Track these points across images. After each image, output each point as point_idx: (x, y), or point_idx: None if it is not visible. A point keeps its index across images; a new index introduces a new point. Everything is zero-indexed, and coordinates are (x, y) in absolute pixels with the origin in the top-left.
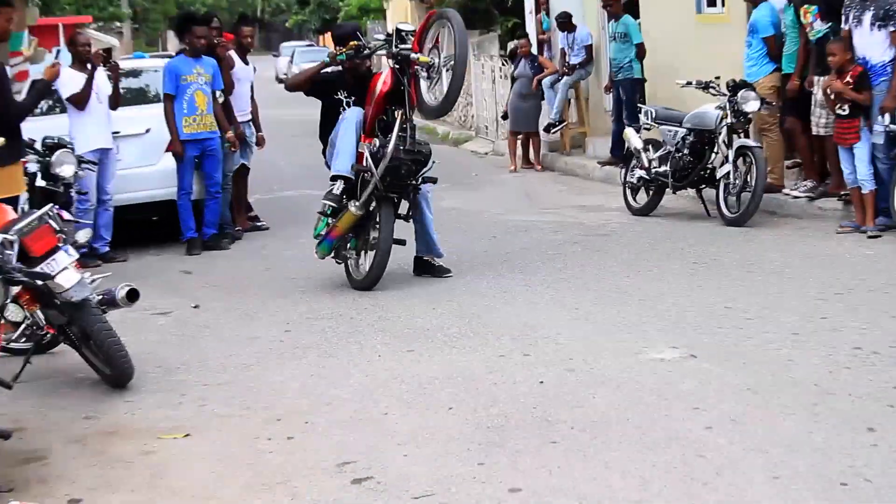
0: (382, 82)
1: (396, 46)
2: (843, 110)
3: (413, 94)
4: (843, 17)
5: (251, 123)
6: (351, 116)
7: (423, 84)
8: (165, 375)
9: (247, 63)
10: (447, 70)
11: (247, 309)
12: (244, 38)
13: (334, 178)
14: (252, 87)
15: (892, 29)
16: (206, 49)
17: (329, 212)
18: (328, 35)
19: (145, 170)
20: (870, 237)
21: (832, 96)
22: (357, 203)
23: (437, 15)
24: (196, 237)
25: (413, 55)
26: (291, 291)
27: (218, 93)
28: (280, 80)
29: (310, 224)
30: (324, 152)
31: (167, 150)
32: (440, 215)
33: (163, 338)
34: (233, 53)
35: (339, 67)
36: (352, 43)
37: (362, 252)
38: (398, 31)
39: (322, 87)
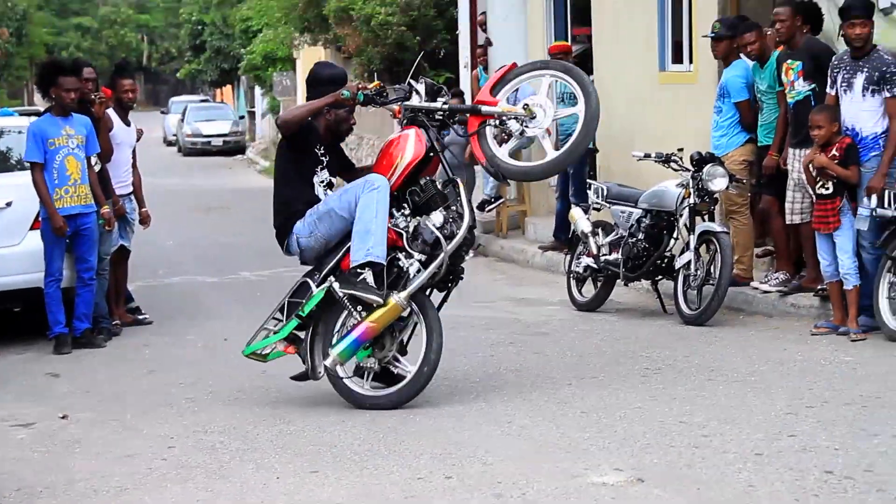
0: (404, 148)
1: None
2: (827, 189)
3: (442, 160)
4: (830, 80)
5: (132, 197)
6: (384, 188)
7: (492, 141)
8: (26, 500)
9: (128, 123)
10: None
11: (124, 420)
12: (124, 92)
13: (362, 266)
14: (134, 153)
15: (887, 95)
16: (78, 105)
17: (359, 309)
18: (227, 88)
19: (5, 251)
20: (853, 340)
21: (814, 172)
22: (402, 294)
23: (534, 65)
24: (66, 333)
25: (494, 109)
26: (177, 399)
27: (93, 158)
28: (169, 143)
29: (201, 316)
30: (279, 227)
31: (33, 228)
32: None
33: (23, 454)
34: (111, 112)
35: (344, 108)
36: (376, 83)
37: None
38: (430, 85)
39: (305, 134)
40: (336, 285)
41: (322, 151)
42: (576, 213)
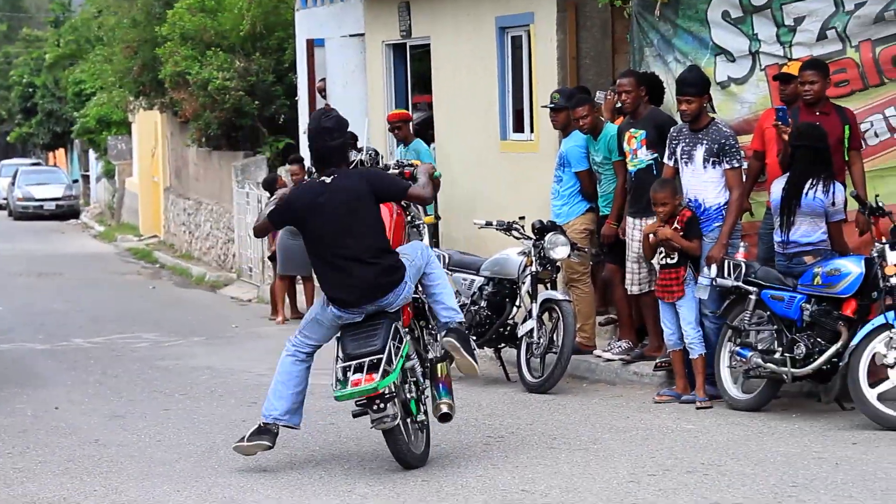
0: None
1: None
2: (672, 258)
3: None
4: (668, 151)
5: None
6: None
7: None
8: None
9: None
10: None
11: None
12: None
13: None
14: None
15: (727, 166)
16: None
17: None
18: (59, 152)
19: None
20: (699, 408)
21: (653, 244)
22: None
23: None
24: None
25: None
26: (5, 469)
27: None
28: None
29: (31, 384)
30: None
31: None
32: (188, 375)
33: None
34: None
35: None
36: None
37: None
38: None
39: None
40: (449, 337)
41: None
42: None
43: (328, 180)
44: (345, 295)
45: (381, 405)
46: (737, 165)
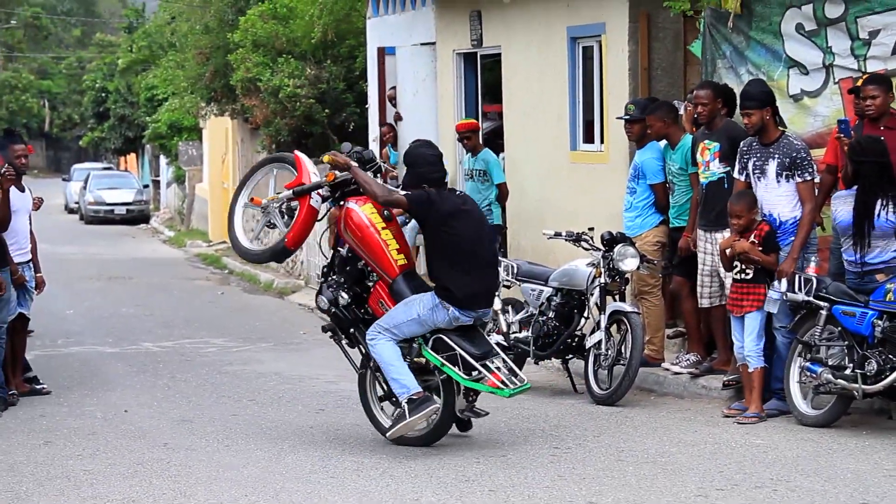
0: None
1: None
2: (747, 274)
3: None
4: (739, 166)
5: (31, 264)
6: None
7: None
8: None
9: (22, 189)
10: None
11: (17, 492)
12: (16, 158)
13: None
14: (30, 219)
15: (799, 180)
16: None
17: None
18: (131, 156)
19: None
20: (740, 423)
21: (733, 258)
22: None
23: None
24: None
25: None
26: (75, 471)
27: None
28: (71, 211)
29: (101, 387)
30: None
31: None
32: (256, 381)
33: None
34: None
35: None
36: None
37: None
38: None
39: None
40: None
41: None
42: None
43: (458, 192)
44: (482, 295)
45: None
46: (808, 179)
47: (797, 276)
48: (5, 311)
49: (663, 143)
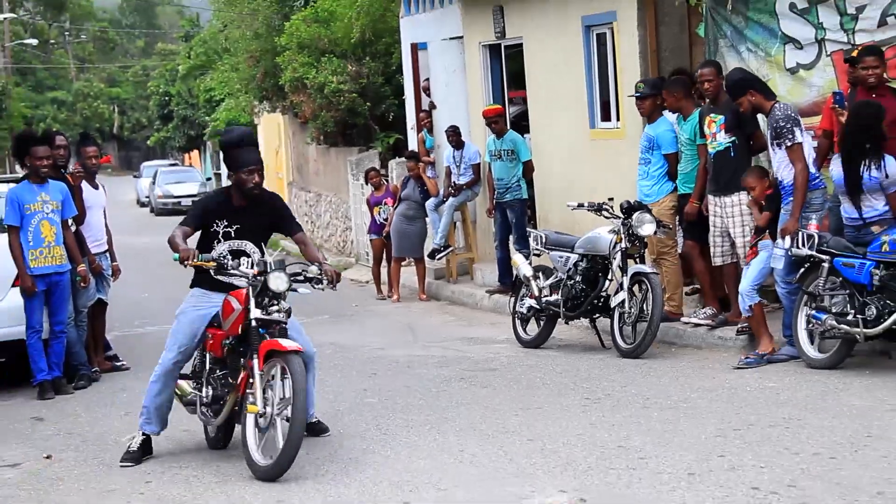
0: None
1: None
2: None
3: None
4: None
5: (107, 254)
6: None
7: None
8: None
9: (95, 187)
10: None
11: (104, 459)
12: (87, 159)
13: None
14: (105, 213)
15: (787, 145)
16: (54, 171)
17: None
18: (194, 153)
19: None
20: (737, 367)
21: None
22: None
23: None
24: (49, 380)
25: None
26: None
27: (69, 221)
28: (142, 204)
29: None
30: None
31: (14, 286)
32: (317, 350)
33: (11, 492)
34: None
35: None
36: (212, 263)
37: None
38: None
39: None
40: None
41: (225, 224)
42: (518, 258)
43: None
44: None
45: None
46: (789, 144)
47: (800, 233)
48: (85, 297)
49: (675, 116)
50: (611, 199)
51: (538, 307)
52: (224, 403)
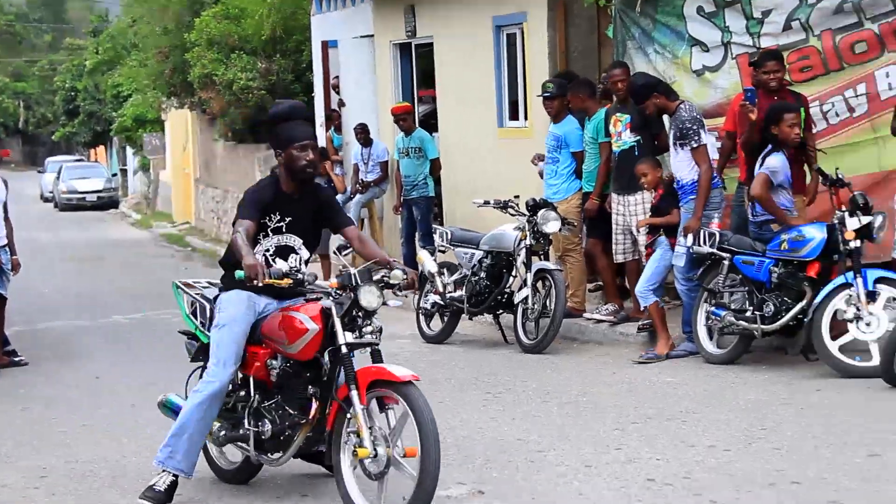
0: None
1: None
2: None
3: None
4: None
5: (7, 248)
6: None
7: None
8: None
9: None
10: None
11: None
12: None
13: None
14: (6, 207)
15: (692, 146)
16: None
17: None
18: (100, 149)
19: None
20: (637, 363)
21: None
22: None
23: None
24: None
25: None
26: (50, 434)
27: None
28: (46, 200)
29: (75, 357)
30: None
31: None
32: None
33: None
34: None
35: None
36: (287, 281)
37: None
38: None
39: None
40: None
41: (278, 218)
42: (423, 255)
43: None
44: None
45: None
46: (695, 146)
47: (702, 231)
48: None
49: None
50: (517, 197)
51: (442, 303)
52: (286, 439)
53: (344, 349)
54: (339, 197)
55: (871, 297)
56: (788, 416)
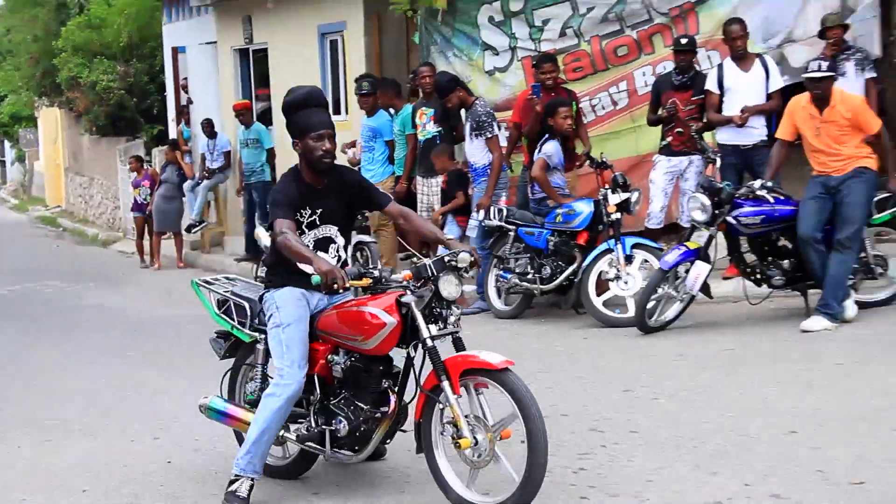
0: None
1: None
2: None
3: None
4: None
5: None
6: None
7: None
8: None
9: None
10: None
11: None
12: None
13: None
14: None
15: (486, 136)
16: None
17: None
18: None
19: None
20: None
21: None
22: None
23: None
24: None
25: None
26: None
27: None
28: None
29: None
30: None
31: None
32: (86, 312)
33: None
34: None
35: None
36: (366, 280)
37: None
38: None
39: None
40: None
41: (309, 213)
42: (261, 231)
43: None
44: None
45: None
46: (489, 136)
47: (492, 207)
48: None
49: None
50: None
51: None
52: (363, 435)
53: (429, 342)
54: (188, 182)
55: (629, 260)
56: (561, 361)
